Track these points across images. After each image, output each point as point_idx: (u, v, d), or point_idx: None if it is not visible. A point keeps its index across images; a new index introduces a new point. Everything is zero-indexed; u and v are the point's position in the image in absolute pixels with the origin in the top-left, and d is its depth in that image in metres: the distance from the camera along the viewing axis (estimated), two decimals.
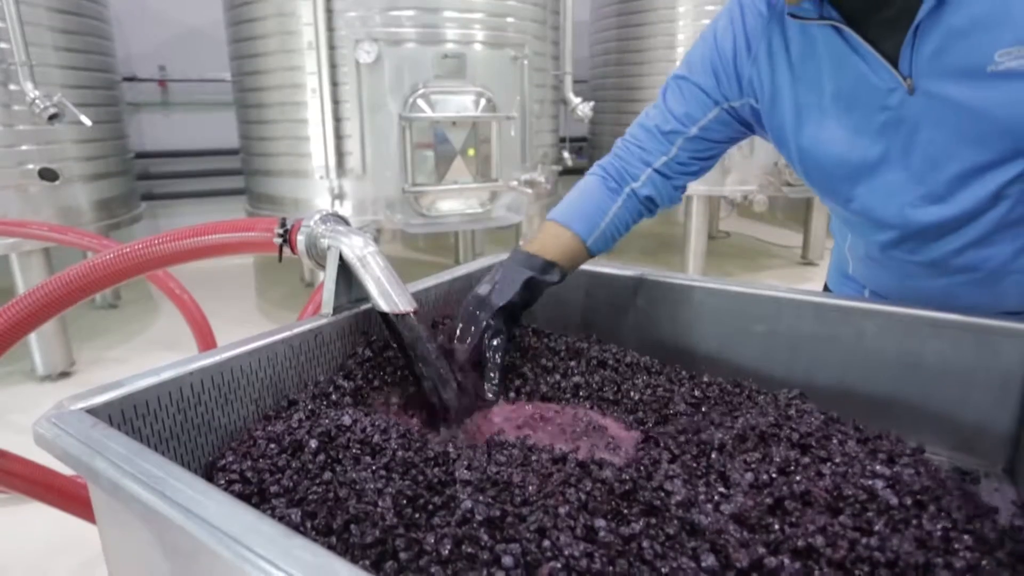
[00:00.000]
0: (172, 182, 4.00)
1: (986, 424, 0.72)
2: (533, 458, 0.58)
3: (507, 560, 0.45)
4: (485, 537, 0.47)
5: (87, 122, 2.36)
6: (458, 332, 0.81)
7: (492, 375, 0.79)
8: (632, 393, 0.73)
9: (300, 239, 0.79)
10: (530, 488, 0.53)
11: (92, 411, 0.52)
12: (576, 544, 0.45)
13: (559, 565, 0.44)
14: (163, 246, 0.81)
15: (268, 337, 0.68)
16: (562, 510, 0.50)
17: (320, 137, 2.59)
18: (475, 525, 0.48)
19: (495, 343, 0.80)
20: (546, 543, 0.46)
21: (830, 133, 0.77)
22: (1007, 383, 0.70)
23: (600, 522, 0.48)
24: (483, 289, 0.83)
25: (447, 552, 0.45)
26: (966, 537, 0.49)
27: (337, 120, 2.58)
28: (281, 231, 0.82)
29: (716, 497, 0.52)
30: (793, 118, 0.80)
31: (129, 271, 0.81)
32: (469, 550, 0.46)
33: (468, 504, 0.50)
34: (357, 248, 0.75)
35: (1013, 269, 0.76)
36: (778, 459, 0.55)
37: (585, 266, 0.97)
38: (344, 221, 0.82)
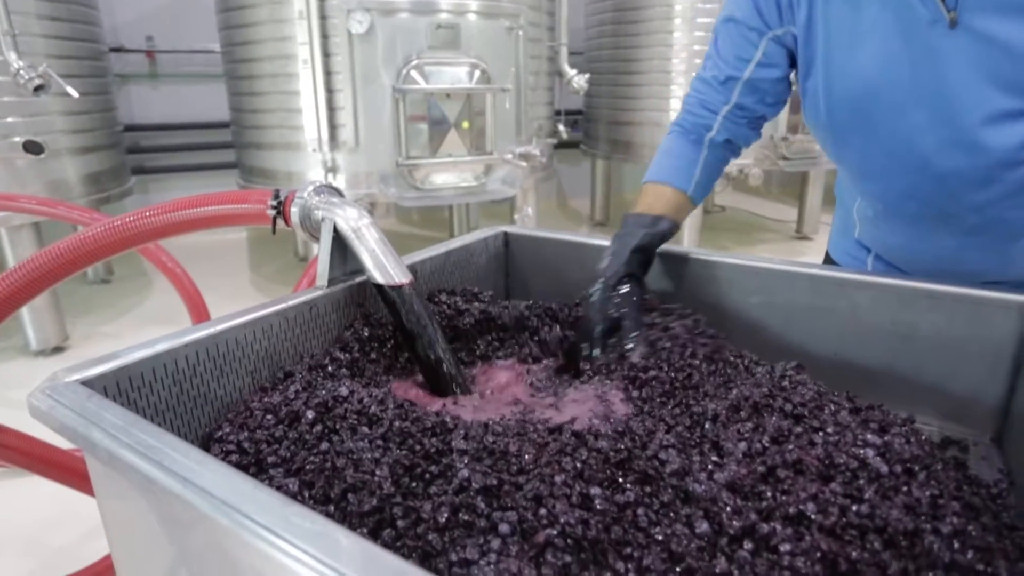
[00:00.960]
0: (163, 156, 3.95)
1: (976, 394, 0.73)
2: (530, 428, 0.59)
3: (504, 528, 0.45)
4: (482, 505, 0.47)
5: (74, 93, 2.32)
6: (588, 310, 0.81)
7: (633, 335, 0.77)
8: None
9: (294, 211, 0.78)
10: (526, 457, 0.54)
11: (87, 383, 0.52)
12: (572, 511, 0.46)
13: (555, 532, 0.45)
14: (155, 218, 0.80)
15: (263, 309, 0.68)
16: (558, 479, 0.50)
17: (312, 109, 2.55)
18: (472, 493, 0.48)
19: (625, 308, 0.79)
20: (542, 511, 0.47)
21: (861, 62, 0.76)
22: (998, 354, 0.71)
23: (596, 490, 0.49)
24: (603, 263, 0.83)
25: (444, 520, 0.46)
26: (954, 504, 0.49)
27: (329, 92, 2.54)
28: (275, 203, 0.81)
29: (710, 466, 0.53)
30: (824, 44, 0.79)
31: (121, 244, 0.80)
32: (466, 518, 0.46)
33: (465, 473, 0.50)
34: (352, 220, 0.74)
35: None
36: (771, 429, 0.56)
37: (590, 239, 0.98)
38: (338, 193, 0.81)
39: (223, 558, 0.40)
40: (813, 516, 0.47)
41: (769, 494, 0.49)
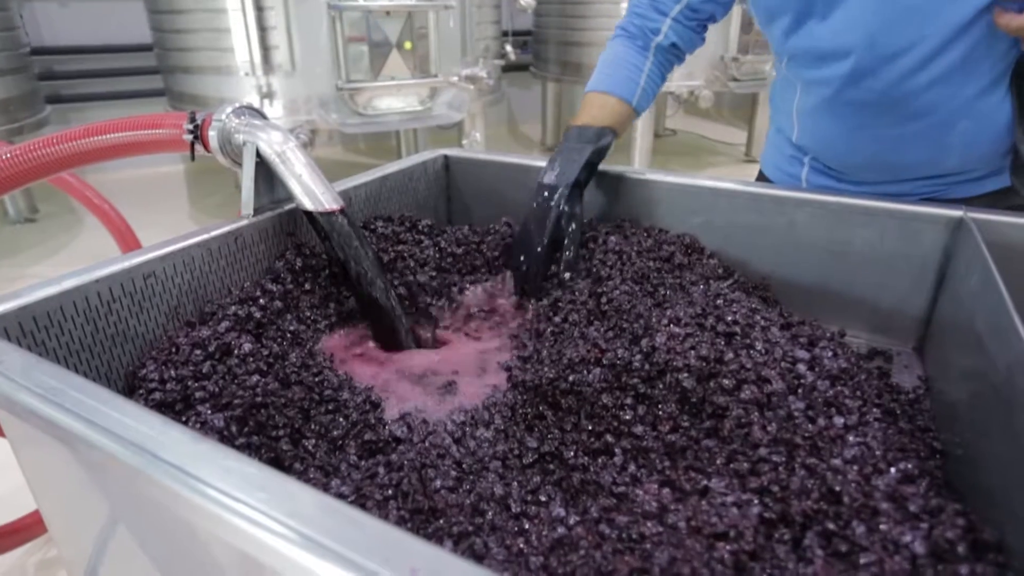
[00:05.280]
0: (82, 82, 3.64)
1: (902, 307, 0.76)
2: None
3: None
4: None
5: None
6: (531, 227, 0.80)
7: (570, 257, 0.79)
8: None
9: (212, 135, 0.73)
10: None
11: None
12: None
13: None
14: (58, 147, 0.74)
15: (182, 241, 0.64)
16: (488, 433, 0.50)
17: (241, 29, 2.37)
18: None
19: (571, 227, 0.80)
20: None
21: None
22: (924, 268, 0.73)
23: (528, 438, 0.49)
24: (548, 177, 0.82)
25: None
26: (875, 410, 0.51)
27: (259, 9, 2.35)
28: (191, 127, 0.75)
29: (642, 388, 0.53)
30: None
31: (19, 176, 0.73)
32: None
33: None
34: (276, 143, 0.70)
35: (966, 114, 0.77)
36: (703, 349, 0.56)
37: (533, 161, 0.95)
38: (261, 115, 0.75)
39: (140, 501, 0.39)
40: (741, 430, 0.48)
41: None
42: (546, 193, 0.81)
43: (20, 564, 1.20)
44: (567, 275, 0.78)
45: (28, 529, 1.09)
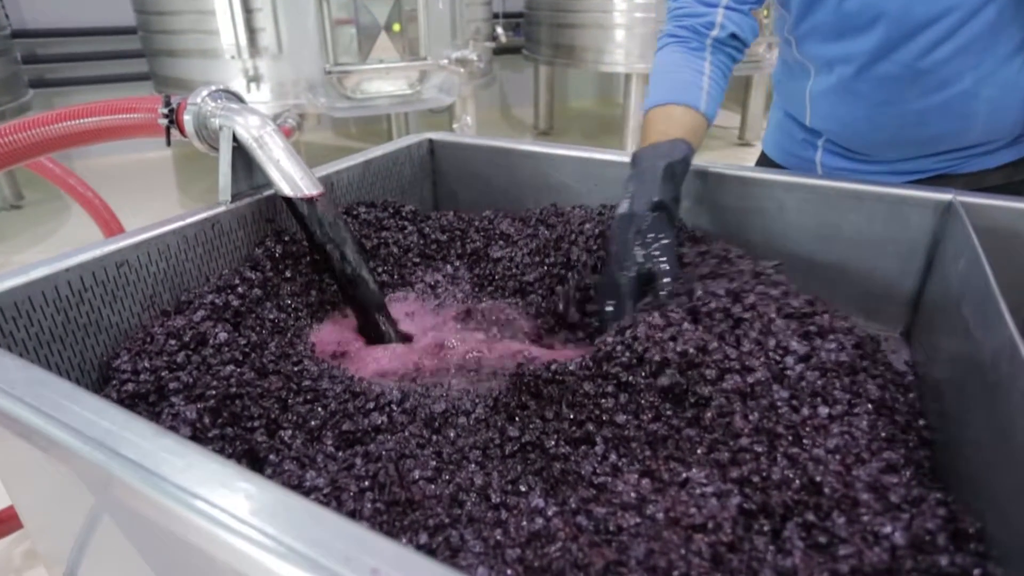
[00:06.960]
0: (66, 66, 3.58)
1: (891, 292, 0.75)
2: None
3: None
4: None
5: None
6: (612, 266, 0.68)
7: (665, 282, 0.65)
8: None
9: (187, 119, 0.71)
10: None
11: None
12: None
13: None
14: (27, 133, 0.72)
15: (157, 228, 0.63)
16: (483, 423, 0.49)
17: (226, 11, 2.32)
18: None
19: (657, 251, 0.67)
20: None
21: None
22: (913, 252, 0.72)
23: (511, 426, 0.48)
24: (623, 207, 0.71)
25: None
26: (868, 405, 0.51)
27: None
28: (166, 111, 0.73)
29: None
30: None
31: None
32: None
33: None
34: (253, 128, 0.68)
35: (990, 83, 0.76)
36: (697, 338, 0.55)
37: (519, 145, 0.93)
38: (238, 98, 0.74)
39: (106, 497, 0.38)
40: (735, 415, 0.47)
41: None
42: (622, 225, 0.69)
43: (6, 553, 1.20)
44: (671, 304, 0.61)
45: (13, 520, 1.08)
